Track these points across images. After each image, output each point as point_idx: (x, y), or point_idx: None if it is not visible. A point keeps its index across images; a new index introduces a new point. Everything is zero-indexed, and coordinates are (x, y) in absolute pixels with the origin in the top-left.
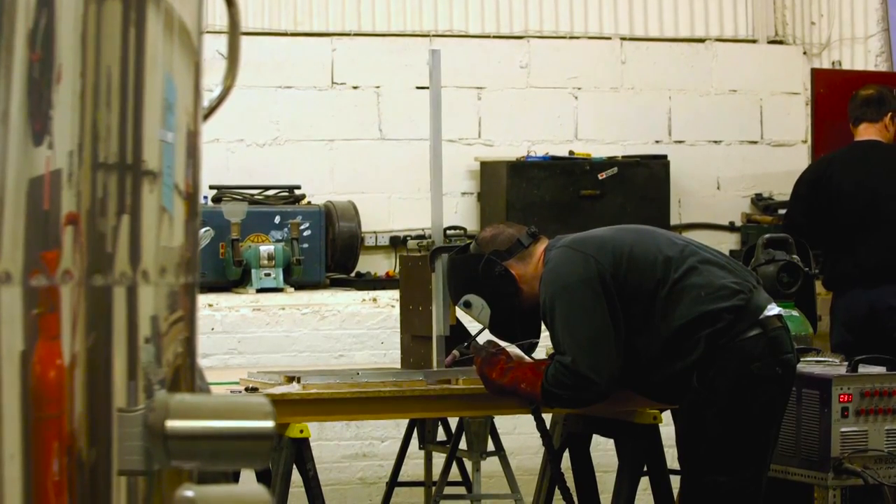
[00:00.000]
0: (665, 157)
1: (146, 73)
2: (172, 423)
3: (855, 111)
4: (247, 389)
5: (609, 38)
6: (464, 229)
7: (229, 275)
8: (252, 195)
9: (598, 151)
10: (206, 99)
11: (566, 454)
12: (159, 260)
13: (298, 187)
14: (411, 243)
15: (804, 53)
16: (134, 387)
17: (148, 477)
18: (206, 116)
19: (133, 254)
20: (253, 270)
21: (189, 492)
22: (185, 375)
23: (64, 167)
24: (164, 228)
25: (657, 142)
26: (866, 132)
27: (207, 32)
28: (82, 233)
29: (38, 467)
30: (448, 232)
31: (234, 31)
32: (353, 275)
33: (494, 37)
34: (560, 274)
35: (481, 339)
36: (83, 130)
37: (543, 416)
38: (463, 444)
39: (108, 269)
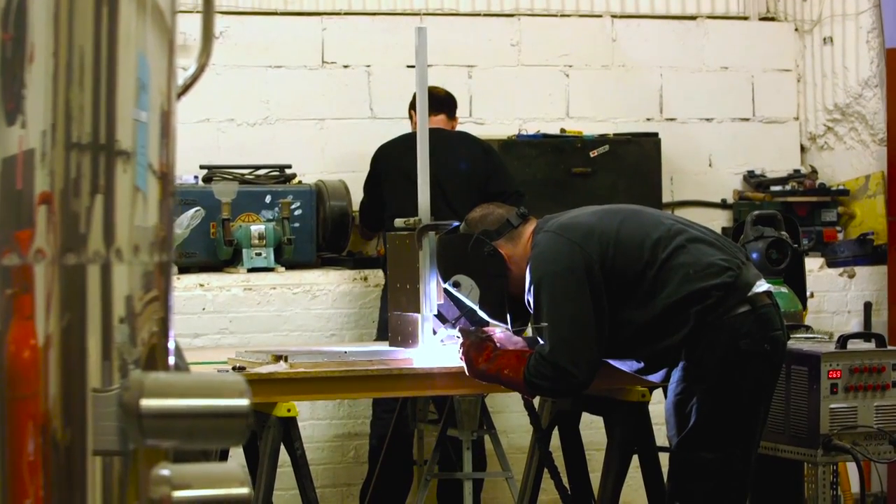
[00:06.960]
0: (656, 134)
1: (119, 52)
2: (147, 402)
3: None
4: (234, 369)
5: (600, 16)
6: None
7: (220, 254)
8: (243, 175)
9: (590, 129)
10: (182, 78)
11: (556, 432)
12: (133, 239)
13: (289, 166)
14: (398, 221)
15: (795, 30)
16: (108, 366)
17: (123, 456)
18: (180, 95)
19: (107, 233)
20: (244, 250)
21: (165, 471)
22: (160, 355)
23: (37, 147)
24: (137, 208)
25: (648, 119)
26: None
27: (194, 12)
28: (55, 212)
29: (13, 448)
30: None
31: (207, 10)
32: (344, 254)
33: (485, 15)
34: (545, 261)
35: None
36: (56, 110)
37: None
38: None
39: (81, 248)
